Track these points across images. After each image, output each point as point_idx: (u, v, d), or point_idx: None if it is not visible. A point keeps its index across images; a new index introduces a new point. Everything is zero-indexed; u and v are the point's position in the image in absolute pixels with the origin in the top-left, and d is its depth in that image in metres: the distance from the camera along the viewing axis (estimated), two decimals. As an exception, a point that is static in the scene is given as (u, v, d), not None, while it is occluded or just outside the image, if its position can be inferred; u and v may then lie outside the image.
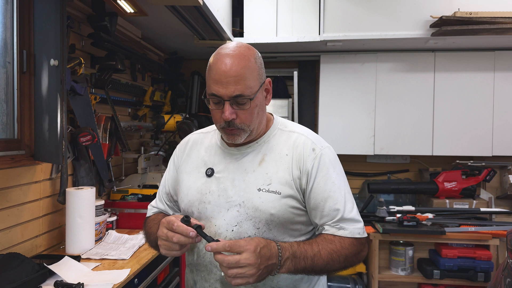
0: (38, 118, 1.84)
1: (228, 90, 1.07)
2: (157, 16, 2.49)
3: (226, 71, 1.07)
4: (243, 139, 1.15)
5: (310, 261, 1.06)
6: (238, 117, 1.11)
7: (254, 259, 0.97)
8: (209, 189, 1.18)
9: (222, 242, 0.98)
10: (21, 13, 1.81)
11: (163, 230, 1.06)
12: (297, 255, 1.05)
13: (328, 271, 1.11)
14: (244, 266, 0.96)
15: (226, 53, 1.10)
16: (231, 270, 0.96)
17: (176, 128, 3.13)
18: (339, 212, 1.12)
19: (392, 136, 3.42)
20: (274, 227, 1.12)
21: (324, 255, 1.07)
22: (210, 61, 1.14)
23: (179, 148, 1.35)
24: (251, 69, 1.10)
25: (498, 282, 1.95)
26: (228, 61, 1.08)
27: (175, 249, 1.06)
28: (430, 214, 2.99)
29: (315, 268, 1.07)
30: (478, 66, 3.33)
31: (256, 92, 1.12)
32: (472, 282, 2.92)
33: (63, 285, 1.54)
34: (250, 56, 1.12)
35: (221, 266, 0.98)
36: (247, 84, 1.09)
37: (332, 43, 3.15)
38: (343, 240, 1.11)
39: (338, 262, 1.09)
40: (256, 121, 1.15)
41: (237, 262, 0.96)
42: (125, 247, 2.08)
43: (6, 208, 1.75)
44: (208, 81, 1.13)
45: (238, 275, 0.97)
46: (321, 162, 1.15)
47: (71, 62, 2.05)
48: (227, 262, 0.96)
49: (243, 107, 1.10)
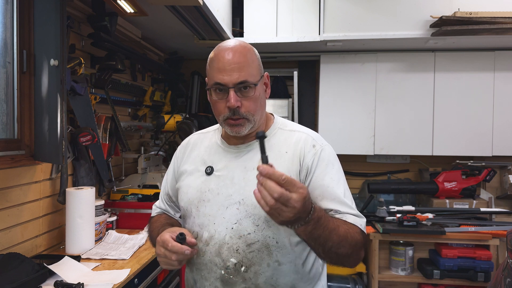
0: (38, 118, 1.84)
1: (233, 77, 1.10)
2: (157, 16, 2.49)
3: (230, 60, 1.11)
4: (247, 130, 1.15)
5: (327, 232, 1.00)
6: (242, 106, 1.12)
7: (300, 205, 0.91)
8: (208, 187, 1.19)
9: (278, 171, 0.90)
10: (21, 13, 1.81)
11: (160, 249, 1.10)
12: (321, 221, 0.99)
13: (335, 252, 1.04)
14: (289, 206, 0.90)
15: (227, 46, 1.14)
16: (276, 203, 0.89)
17: (176, 128, 3.13)
18: (338, 207, 1.11)
19: (392, 136, 3.42)
20: (274, 224, 1.11)
21: (341, 232, 1.03)
22: (210, 55, 1.17)
23: (180, 150, 1.36)
24: (252, 59, 1.15)
25: (498, 282, 1.95)
26: (230, 51, 1.12)
27: (174, 264, 1.10)
28: (430, 214, 2.99)
29: (327, 243, 1.01)
30: (478, 66, 3.33)
31: (258, 81, 1.15)
32: (472, 282, 2.92)
33: (63, 285, 1.54)
34: (250, 48, 1.17)
35: (262, 192, 0.90)
36: (250, 71, 1.12)
37: (332, 43, 3.15)
38: (352, 226, 1.09)
39: (348, 245, 1.04)
40: (259, 112, 1.17)
41: (287, 200, 0.89)
42: (125, 247, 2.08)
43: (6, 208, 1.75)
44: (210, 73, 1.15)
45: (278, 211, 0.90)
46: (321, 158, 1.15)
47: (71, 62, 2.05)
48: (280, 195, 0.88)
49: (247, 94, 1.12)
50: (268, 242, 1.12)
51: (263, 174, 0.90)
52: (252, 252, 1.12)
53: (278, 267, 1.13)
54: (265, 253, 1.12)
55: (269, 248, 1.12)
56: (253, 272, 1.12)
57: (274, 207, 0.90)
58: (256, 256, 1.12)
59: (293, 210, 0.90)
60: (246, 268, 1.12)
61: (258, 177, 0.91)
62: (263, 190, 0.90)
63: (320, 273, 1.24)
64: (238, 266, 1.12)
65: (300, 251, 1.15)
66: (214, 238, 1.15)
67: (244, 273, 1.12)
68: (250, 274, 1.12)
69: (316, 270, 1.21)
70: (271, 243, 1.12)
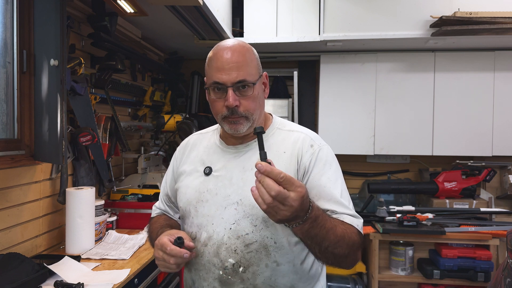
0: (38, 118, 1.84)
1: (231, 76, 1.10)
2: (157, 16, 2.50)
3: (228, 59, 1.11)
4: (246, 129, 1.15)
5: (324, 232, 1.00)
6: (241, 105, 1.12)
7: (297, 204, 0.90)
8: (206, 188, 1.19)
9: (277, 169, 0.89)
10: (21, 13, 1.81)
11: (159, 252, 1.10)
12: (318, 220, 0.99)
13: (331, 252, 1.03)
14: (286, 205, 0.89)
15: (226, 45, 1.15)
16: (274, 201, 0.88)
17: (176, 128, 3.13)
18: (334, 206, 1.11)
19: (392, 136, 3.42)
20: (272, 224, 1.12)
21: (338, 232, 1.03)
22: (209, 55, 1.17)
23: (179, 150, 1.36)
24: (251, 58, 1.15)
25: (498, 282, 1.95)
26: (229, 50, 1.13)
27: (172, 268, 1.10)
28: (430, 214, 2.99)
29: (324, 242, 1.01)
30: (478, 66, 3.33)
31: (257, 80, 1.15)
32: (472, 282, 2.92)
33: (63, 285, 1.55)
34: (248, 48, 1.17)
35: (260, 189, 0.89)
36: (249, 71, 1.13)
37: (332, 43, 3.15)
38: (349, 226, 1.09)
39: (345, 245, 1.04)
40: (258, 111, 1.17)
41: (285, 199, 0.88)
42: (125, 247, 2.08)
43: (6, 208, 1.75)
44: (209, 72, 1.15)
45: (275, 209, 0.89)
46: (319, 157, 1.15)
47: (71, 62, 2.05)
48: (277, 193, 0.87)
49: (245, 93, 1.12)
50: (266, 242, 1.12)
51: (261, 172, 0.90)
52: (250, 252, 1.12)
53: (276, 267, 1.12)
54: (263, 253, 1.12)
55: (267, 248, 1.12)
56: (251, 273, 1.12)
57: (271, 205, 0.89)
58: (254, 257, 1.12)
59: (290, 208, 0.90)
60: (244, 268, 1.12)
61: (256, 175, 0.91)
62: (260, 187, 0.90)
63: (320, 273, 1.23)
64: (236, 267, 1.12)
65: (298, 251, 1.15)
66: (212, 238, 1.15)
67: (242, 273, 1.12)
68: (248, 275, 1.12)
69: (315, 270, 1.20)
70: (269, 243, 1.12)
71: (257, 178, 0.91)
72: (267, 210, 0.91)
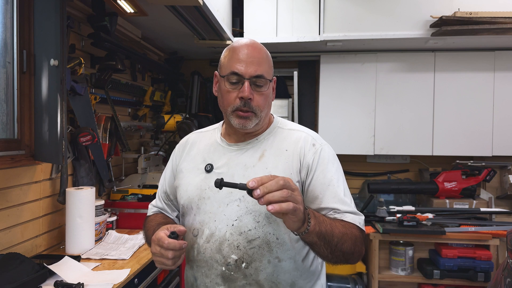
0: (38, 118, 1.84)
1: (251, 69, 1.14)
2: (157, 16, 2.50)
3: (249, 53, 1.16)
4: (253, 125, 1.17)
5: (330, 227, 1.02)
6: (254, 99, 1.15)
7: (297, 187, 0.95)
8: (208, 185, 1.19)
9: (264, 176, 0.92)
10: (21, 13, 1.81)
11: (156, 247, 1.08)
12: (316, 215, 1.01)
13: (340, 250, 1.04)
14: (294, 189, 0.92)
15: (248, 42, 1.20)
16: (287, 191, 0.90)
17: (176, 128, 3.13)
18: (338, 205, 1.12)
19: (392, 136, 3.42)
20: (274, 220, 1.13)
21: (339, 227, 1.05)
22: (229, 48, 1.21)
23: (178, 148, 1.37)
24: (269, 59, 1.21)
25: (498, 282, 1.95)
26: (250, 46, 1.18)
27: (169, 264, 1.08)
28: (430, 214, 3.00)
29: (334, 239, 1.02)
30: (478, 66, 3.33)
31: (271, 80, 1.19)
32: (472, 282, 2.92)
33: (63, 285, 1.55)
34: (266, 50, 1.23)
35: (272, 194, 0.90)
36: (266, 69, 1.17)
37: (332, 43, 3.15)
38: (346, 222, 1.10)
39: (349, 240, 1.05)
40: (266, 109, 1.20)
41: (288, 181, 0.92)
42: (125, 247, 2.08)
43: (6, 208, 1.75)
44: (228, 63, 1.17)
45: (293, 196, 0.91)
46: (321, 156, 1.17)
47: (71, 62, 2.05)
48: (282, 180, 0.91)
49: (260, 89, 1.16)
50: (269, 238, 1.13)
51: (257, 185, 0.90)
52: (253, 248, 1.13)
53: (278, 263, 1.14)
54: (266, 249, 1.13)
55: (270, 244, 1.13)
56: (254, 269, 1.13)
57: (289, 195, 0.90)
58: (257, 253, 1.13)
59: (298, 193, 0.93)
60: (246, 264, 1.13)
61: (255, 194, 0.90)
62: (271, 194, 0.89)
63: (320, 271, 1.25)
64: (239, 263, 1.13)
65: (300, 248, 1.16)
66: (214, 235, 1.15)
67: (245, 269, 1.13)
68: (251, 271, 1.13)
69: (315, 268, 1.22)
70: (272, 239, 1.13)
71: (259, 194, 0.90)
72: (290, 204, 0.89)
